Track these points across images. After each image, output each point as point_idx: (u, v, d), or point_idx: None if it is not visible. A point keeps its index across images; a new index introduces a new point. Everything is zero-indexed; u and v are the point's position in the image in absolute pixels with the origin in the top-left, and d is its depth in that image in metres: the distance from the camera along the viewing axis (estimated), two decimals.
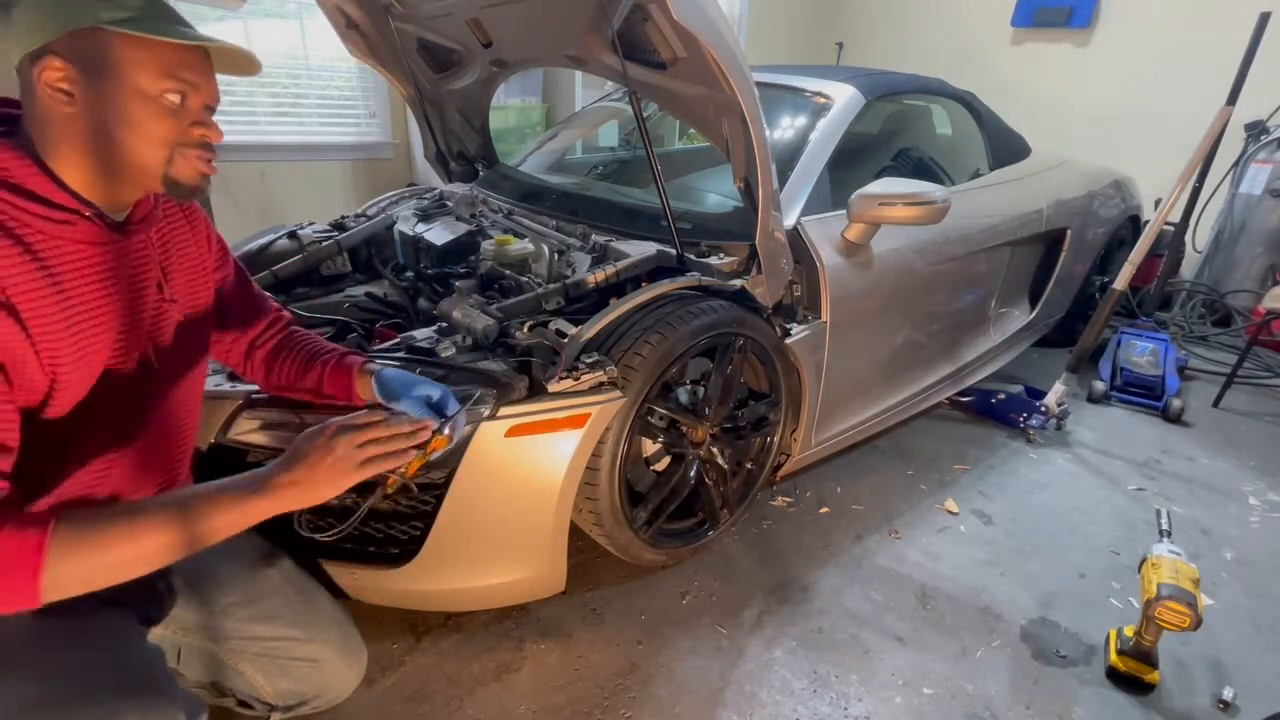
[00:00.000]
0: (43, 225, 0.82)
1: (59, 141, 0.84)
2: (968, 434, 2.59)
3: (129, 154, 0.86)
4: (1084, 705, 1.47)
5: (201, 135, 0.89)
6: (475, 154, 2.57)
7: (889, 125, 2.66)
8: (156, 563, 0.82)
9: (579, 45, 1.72)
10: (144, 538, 0.80)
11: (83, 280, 0.86)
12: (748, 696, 1.45)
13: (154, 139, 0.85)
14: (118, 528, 0.79)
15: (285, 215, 3.35)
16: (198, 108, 0.88)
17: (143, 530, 0.80)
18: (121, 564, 0.80)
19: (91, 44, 0.81)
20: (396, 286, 1.88)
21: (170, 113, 0.86)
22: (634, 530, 1.62)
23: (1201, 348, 3.63)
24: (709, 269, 1.72)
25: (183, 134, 0.87)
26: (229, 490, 0.87)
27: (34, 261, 0.81)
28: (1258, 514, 2.19)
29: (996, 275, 2.62)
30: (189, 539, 0.83)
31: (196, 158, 0.89)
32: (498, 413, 1.32)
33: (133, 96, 0.83)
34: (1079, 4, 4.34)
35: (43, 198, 0.83)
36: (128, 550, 0.80)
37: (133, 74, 0.82)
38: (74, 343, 0.85)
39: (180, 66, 0.85)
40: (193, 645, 1.12)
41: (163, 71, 0.84)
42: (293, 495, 0.89)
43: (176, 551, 0.83)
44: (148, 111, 0.84)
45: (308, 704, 1.19)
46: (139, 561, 0.81)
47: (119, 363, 0.93)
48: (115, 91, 0.82)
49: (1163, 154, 3.95)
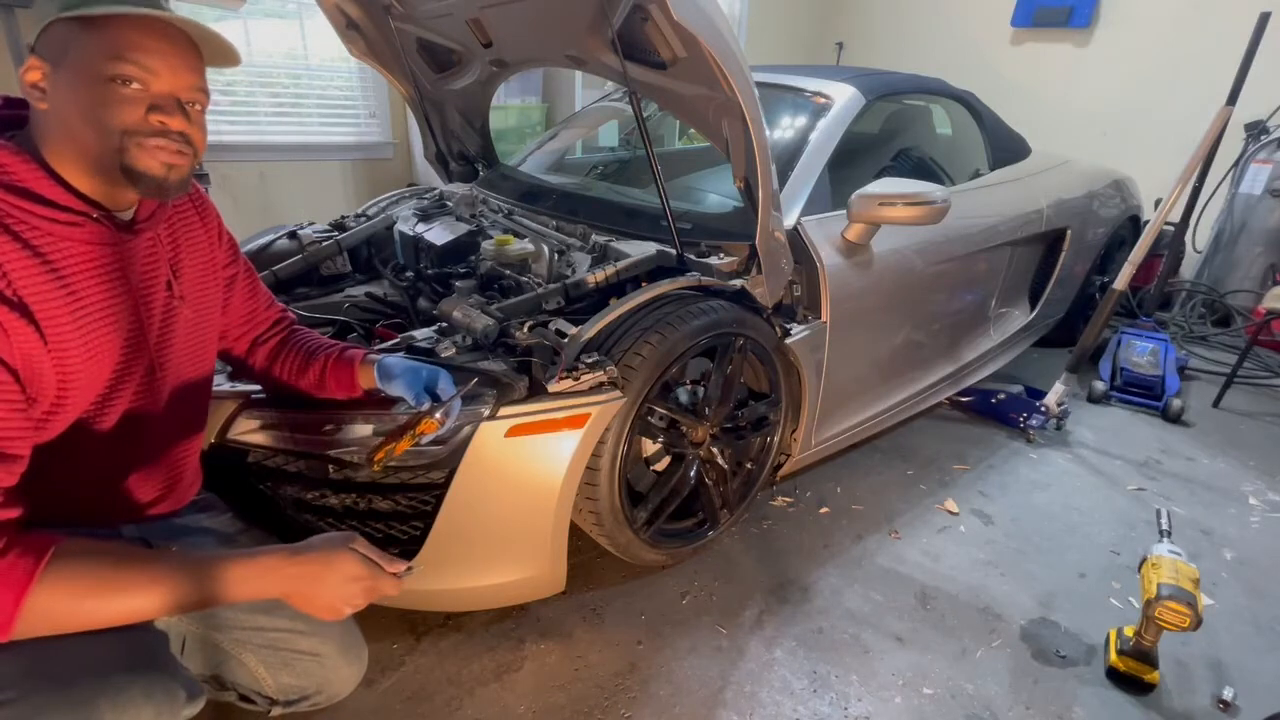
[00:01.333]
0: (50, 227, 0.83)
1: (46, 141, 0.84)
2: (968, 434, 2.59)
3: (85, 143, 0.83)
4: (1084, 705, 1.47)
5: (159, 122, 0.84)
6: (475, 154, 2.57)
7: (889, 125, 2.66)
8: (140, 618, 0.82)
9: (579, 45, 1.72)
10: (136, 594, 0.80)
11: (91, 281, 0.86)
12: (748, 696, 1.45)
13: (103, 126, 0.82)
14: (113, 578, 0.79)
15: (285, 215, 3.34)
16: (160, 95, 0.84)
17: (138, 586, 0.80)
18: (106, 615, 0.80)
19: (54, 36, 0.81)
20: (396, 286, 1.88)
21: (121, 99, 0.82)
22: (634, 530, 1.62)
23: (1201, 348, 3.63)
24: (709, 269, 1.72)
25: (136, 121, 0.83)
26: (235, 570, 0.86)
27: (42, 263, 0.81)
28: (1258, 514, 2.19)
29: (996, 275, 2.62)
30: (183, 604, 0.83)
31: (156, 146, 0.84)
32: (498, 413, 1.32)
33: (84, 82, 0.81)
34: (1079, 4, 4.34)
35: (49, 200, 0.83)
36: (116, 603, 0.79)
37: (81, 58, 0.81)
38: (83, 343, 0.85)
39: (129, 47, 0.81)
40: (196, 634, 1.12)
41: (109, 52, 0.81)
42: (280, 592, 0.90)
43: (165, 612, 0.83)
44: (96, 96, 0.81)
45: (308, 699, 1.19)
46: (124, 616, 0.81)
47: (128, 361, 0.93)
48: (70, 79, 0.81)
49: (1163, 154, 3.95)
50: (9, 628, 0.74)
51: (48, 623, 0.77)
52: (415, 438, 1.05)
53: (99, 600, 0.78)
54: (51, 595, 0.75)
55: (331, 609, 0.91)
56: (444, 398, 1.13)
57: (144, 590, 0.81)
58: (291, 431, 1.33)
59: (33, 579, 0.74)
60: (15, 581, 0.73)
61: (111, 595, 0.79)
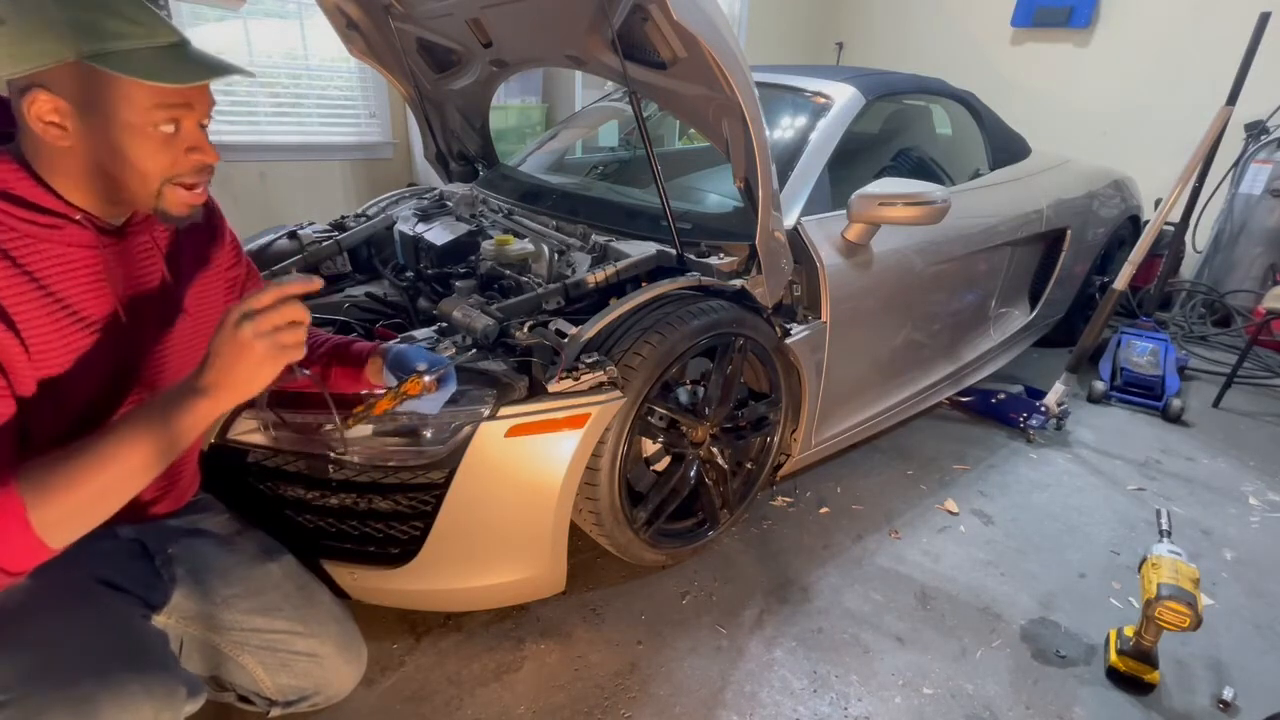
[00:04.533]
0: (27, 229, 0.82)
1: (56, 168, 0.83)
2: (968, 434, 2.59)
3: (124, 187, 0.84)
4: (1084, 705, 1.47)
5: (197, 161, 0.87)
6: (475, 154, 2.57)
7: (889, 125, 2.66)
8: (136, 486, 0.80)
9: (579, 45, 1.72)
10: (110, 465, 0.78)
11: (72, 283, 0.86)
12: (748, 696, 1.45)
13: (147, 173, 0.84)
14: (84, 460, 0.77)
15: (285, 215, 3.35)
16: (192, 128, 0.86)
17: (108, 458, 0.78)
18: (104, 491, 0.78)
19: (77, 77, 0.78)
20: (396, 286, 1.88)
21: (163, 143, 0.84)
22: (634, 530, 1.62)
23: (1201, 348, 3.63)
24: (709, 269, 1.72)
25: (176, 164, 0.85)
26: (175, 403, 0.81)
27: (12, 266, 0.80)
28: (1258, 514, 2.19)
29: (996, 275, 2.62)
30: (158, 453, 0.80)
31: (187, 193, 0.88)
32: (498, 413, 1.32)
33: (125, 130, 0.81)
34: (1079, 4, 4.34)
35: (29, 202, 0.82)
36: (101, 478, 0.77)
37: (121, 107, 0.80)
38: (64, 344, 0.84)
39: (178, 99, 0.82)
40: (194, 636, 1.12)
41: (153, 103, 0.81)
42: (226, 396, 0.82)
43: (151, 469, 0.80)
44: (140, 144, 0.82)
45: (307, 700, 1.19)
46: (118, 488, 0.79)
47: (123, 362, 0.93)
48: (107, 126, 0.81)
49: (1163, 154, 3.95)
50: (41, 544, 0.74)
51: (62, 523, 0.76)
52: (400, 397, 1.04)
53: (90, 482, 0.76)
54: (45, 503, 0.74)
55: (253, 375, 0.82)
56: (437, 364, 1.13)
57: (119, 458, 0.78)
58: (290, 433, 1.33)
59: (20, 499, 0.73)
60: (11, 509, 0.72)
61: (96, 472, 0.77)
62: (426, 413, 1.28)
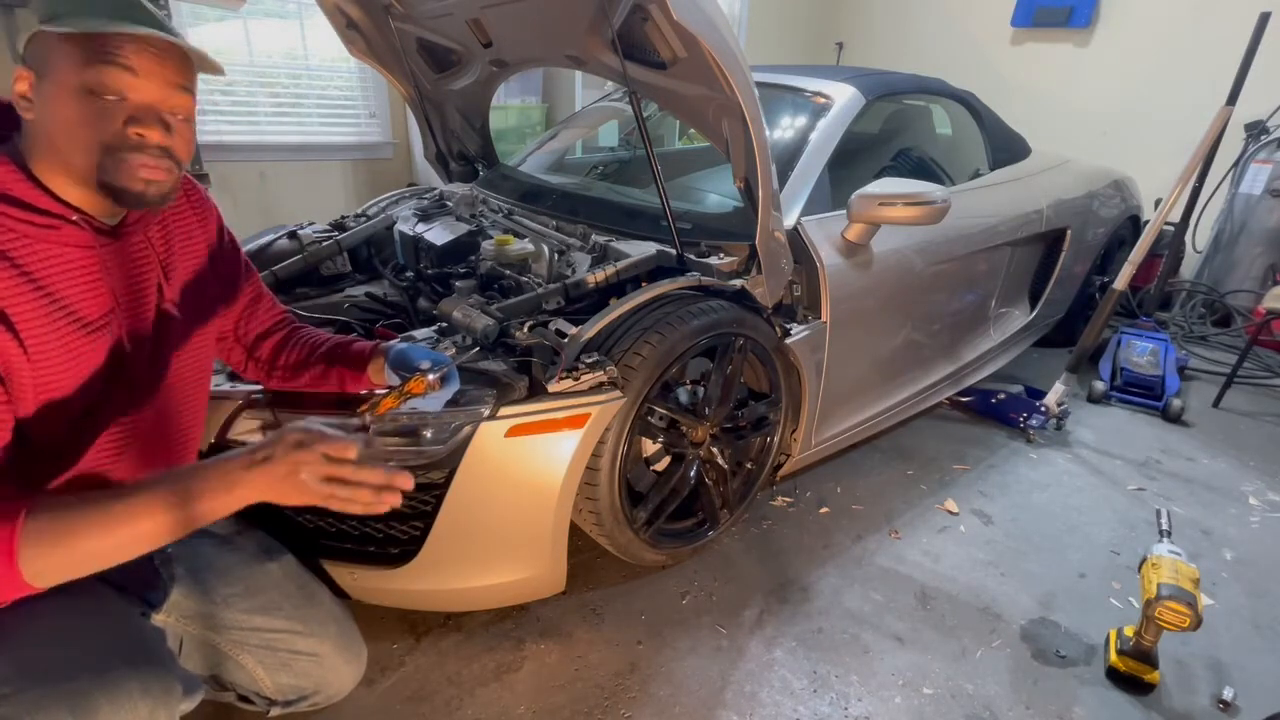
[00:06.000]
0: (24, 229, 0.82)
1: (34, 151, 0.84)
2: (968, 434, 2.59)
3: (68, 157, 0.82)
4: (1084, 705, 1.47)
5: (136, 135, 0.82)
6: (475, 154, 2.57)
7: (889, 125, 2.66)
8: (137, 551, 0.80)
9: (579, 45, 1.72)
10: (119, 528, 0.78)
11: (70, 284, 0.85)
12: (748, 696, 1.45)
13: (82, 140, 0.81)
14: (94, 516, 0.77)
15: (285, 215, 3.34)
16: (139, 106, 0.82)
17: (119, 520, 0.78)
18: (105, 551, 0.78)
19: (39, 47, 0.80)
20: (396, 286, 1.88)
21: (99, 111, 0.80)
22: (634, 530, 1.62)
23: (1201, 348, 3.63)
24: (709, 269, 1.72)
25: (115, 135, 0.81)
26: (200, 483, 0.81)
27: (10, 266, 0.80)
28: (1258, 514, 2.19)
29: (996, 275, 2.62)
30: (170, 527, 0.80)
31: (138, 163, 0.83)
32: (498, 413, 1.32)
33: (64, 94, 0.80)
34: (1079, 4, 4.34)
35: (25, 203, 0.82)
36: (107, 539, 0.77)
37: (61, 70, 0.79)
38: (61, 344, 0.84)
39: (107, 59, 0.79)
40: (193, 635, 1.12)
41: (86, 63, 0.79)
42: (254, 496, 0.83)
43: (159, 540, 0.80)
44: (75, 108, 0.80)
45: (307, 699, 1.19)
46: (118, 551, 0.79)
47: (121, 363, 0.93)
48: (52, 91, 0.80)
49: (1163, 154, 3.95)
50: (17, 581, 0.74)
51: (53, 572, 0.76)
52: (403, 396, 1.04)
53: (92, 540, 0.77)
54: (39, 547, 0.74)
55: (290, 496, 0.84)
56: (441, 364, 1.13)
57: (130, 522, 0.78)
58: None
59: (15, 543, 0.73)
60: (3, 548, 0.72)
61: (102, 533, 0.77)
62: (429, 411, 1.28)
